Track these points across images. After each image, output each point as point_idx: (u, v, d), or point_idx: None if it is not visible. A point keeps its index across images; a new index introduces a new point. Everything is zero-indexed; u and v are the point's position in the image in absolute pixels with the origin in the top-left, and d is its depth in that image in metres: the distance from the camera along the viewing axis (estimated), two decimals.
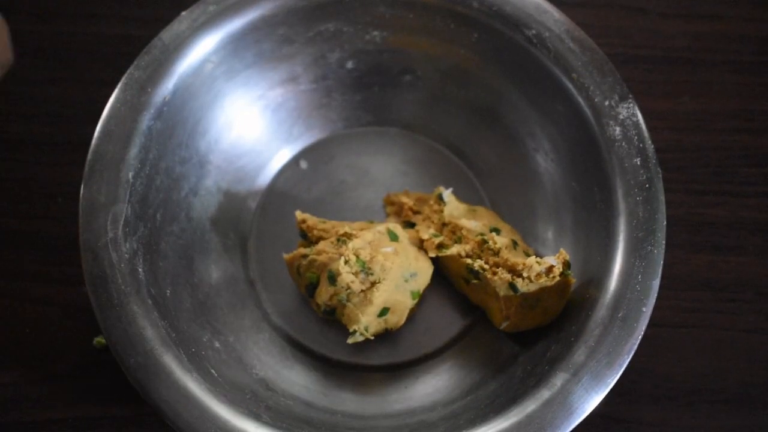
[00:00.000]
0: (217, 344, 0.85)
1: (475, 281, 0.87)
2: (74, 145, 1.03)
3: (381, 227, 0.89)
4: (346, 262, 0.85)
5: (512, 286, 0.83)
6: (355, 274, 0.85)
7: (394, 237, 0.89)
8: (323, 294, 0.86)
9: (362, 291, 0.85)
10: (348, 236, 0.87)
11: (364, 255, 0.85)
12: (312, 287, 0.89)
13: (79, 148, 0.88)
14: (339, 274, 0.84)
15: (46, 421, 0.91)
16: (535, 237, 0.94)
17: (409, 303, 0.89)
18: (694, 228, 1.00)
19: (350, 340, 0.86)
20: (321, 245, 0.88)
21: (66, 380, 0.92)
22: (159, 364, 0.75)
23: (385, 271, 0.85)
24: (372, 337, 0.87)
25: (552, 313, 0.84)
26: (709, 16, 1.14)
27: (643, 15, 1.14)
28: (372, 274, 0.85)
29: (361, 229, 0.89)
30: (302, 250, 0.89)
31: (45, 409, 0.91)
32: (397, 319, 0.89)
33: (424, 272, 0.90)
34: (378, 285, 0.85)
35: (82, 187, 0.80)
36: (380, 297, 0.85)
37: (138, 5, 1.14)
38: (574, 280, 0.83)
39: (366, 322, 0.85)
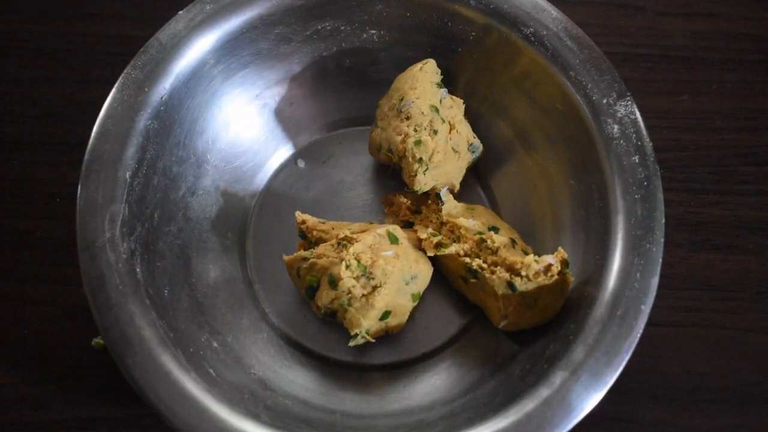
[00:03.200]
0: (215, 344, 0.85)
1: (473, 280, 0.86)
2: (72, 145, 1.03)
3: (381, 230, 0.88)
4: (347, 266, 0.84)
5: (510, 284, 0.82)
6: (357, 278, 0.84)
7: (394, 240, 0.88)
8: (324, 297, 0.86)
9: (364, 295, 0.84)
10: (349, 240, 0.86)
11: (365, 259, 0.85)
12: (312, 290, 0.88)
13: (77, 148, 0.89)
14: (340, 278, 0.83)
15: (45, 421, 0.90)
16: (533, 236, 0.93)
17: (410, 305, 0.88)
18: (693, 227, 1.00)
19: (352, 343, 0.85)
20: (321, 248, 0.87)
21: (64, 381, 0.92)
22: (157, 363, 0.75)
23: (387, 275, 0.84)
24: (373, 340, 0.86)
25: (551, 311, 0.84)
26: (708, 14, 1.14)
27: (641, 13, 1.14)
28: (373, 278, 0.84)
29: (361, 231, 0.88)
30: (303, 253, 0.88)
31: (43, 409, 0.91)
32: (398, 321, 0.88)
33: (424, 274, 0.89)
34: (379, 289, 0.84)
35: (79, 187, 0.80)
36: (381, 301, 0.84)
37: (134, 5, 1.14)
38: (572, 279, 0.82)
39: (368, 326, 0.85)
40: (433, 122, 0.88)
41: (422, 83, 0.90)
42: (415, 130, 0.87)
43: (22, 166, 1.02)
